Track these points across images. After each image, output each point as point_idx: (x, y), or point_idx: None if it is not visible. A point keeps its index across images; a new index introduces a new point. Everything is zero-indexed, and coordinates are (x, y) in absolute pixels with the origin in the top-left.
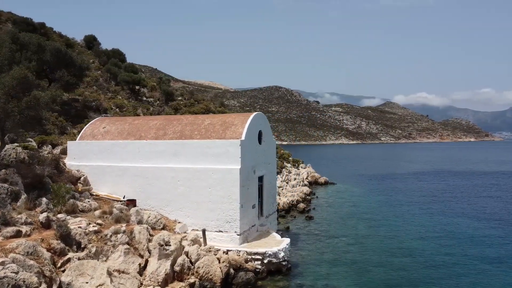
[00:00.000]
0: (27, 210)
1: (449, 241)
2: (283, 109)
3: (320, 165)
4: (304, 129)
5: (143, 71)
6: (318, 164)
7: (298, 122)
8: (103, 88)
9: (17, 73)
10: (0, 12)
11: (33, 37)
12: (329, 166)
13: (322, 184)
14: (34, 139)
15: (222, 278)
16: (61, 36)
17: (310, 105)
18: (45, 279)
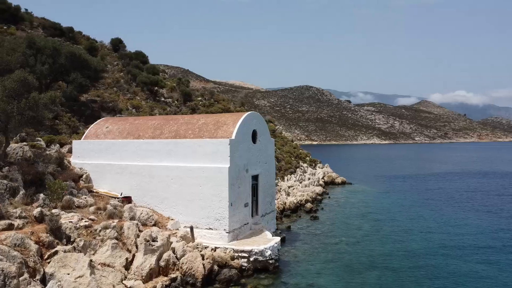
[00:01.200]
0: (24, 205)
1: (454, 246)
2: (313, 109)
3: (345, 165)
4: (335, 129)
5: (166, 72)
6: (344, 164)
7: (329, 121)
8: (123, 89)
9: (18, 76)
10: (33, 18)
11: (49, 42)
12: (354, 166)
13: (338, 184)
14: (42, 138)
15: (204, 274)
16: (89, 39)
17: (341, 104)
18: (28, 270)
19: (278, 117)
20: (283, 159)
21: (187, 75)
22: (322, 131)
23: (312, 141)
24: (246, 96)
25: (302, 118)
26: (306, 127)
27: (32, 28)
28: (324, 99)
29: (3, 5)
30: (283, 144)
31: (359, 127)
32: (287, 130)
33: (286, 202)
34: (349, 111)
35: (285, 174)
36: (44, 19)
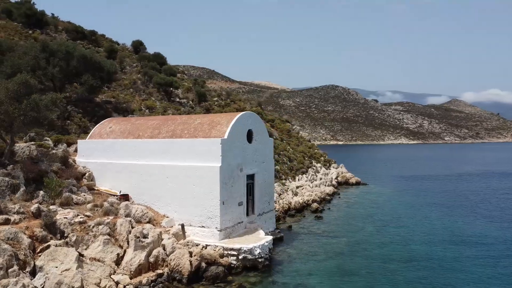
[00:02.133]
0: (24, 201)
1: (454, 253)
2: (339, 108)
3: (366, 165)
4: (361, 129)
5: (185, 73)
6: (365, 164)
7: (355, 121)
8: (139, 90)
9: (19, 78)
10: (59, 22)
11: (62, 45)
12: (376, 166)
13: (352, 185)
14: (51, 138)
15: (190, 270)
16: (112, 42)
17: (368, 103)
18: (18, 262)
19: (303, 117)
20: (296, 159)
21: (213, 75)
22: (348, 131)
23: (338, 141)
24: (271, 96)
25: (328, 118)
26: (331, 127)
27: (57, 32)
28: (350, 98)
29: (30, 11)
30: (298, 144)
31: (386, 127)
32: (312, 130)
33: (291, 202)
34: (376, 111)
35: (297, 174)
36: (70, 23)
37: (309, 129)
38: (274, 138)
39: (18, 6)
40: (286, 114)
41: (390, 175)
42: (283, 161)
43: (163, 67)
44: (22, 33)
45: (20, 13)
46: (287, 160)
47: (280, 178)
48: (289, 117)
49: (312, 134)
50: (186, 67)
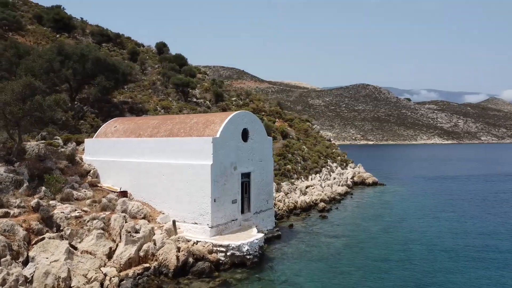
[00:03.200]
0: (26, 196)
1: (457, 256)
2: (370, 108)
3: (391, 165)
4: (392, 128)
5: (207, 74)
6: (390, 164)
7: (386, 120)
8: (158, 91)
9: (24, 80)
10: (87, 26)
11: (77, 48)
12: (401, 166)
13: (369, 185)
14: (61, 137)
15: (176, 265)
16: (137, 44)
17: (400, 102)
18: (11, 252)
19: (333, 117)
20: (310, 158)
21: (242, 75)
22: (378, 131)
23: (368, 141)
24: (300, 95)
25: (358, 117)
26: (361, 126)
27: (84, 35)
28: (382, 97)
29: (57, 16)
30: (315, 143)
31: (419, 126)
32: (342, 130)
33: (297, 201)
34: (408, 110)
35: (310, 173)
36: (98, 26)
37: (338, 129)
38: (290, 137)
39: (48, 12)
40: (315, 114)
41: (413, 176)
42: (296, 161)
43: (183, 68)
44: (50, 37)
45: (49, 18)
46: (301, 160)
47: (291, 177)
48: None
49: (341, 134)
50: (216, 67)
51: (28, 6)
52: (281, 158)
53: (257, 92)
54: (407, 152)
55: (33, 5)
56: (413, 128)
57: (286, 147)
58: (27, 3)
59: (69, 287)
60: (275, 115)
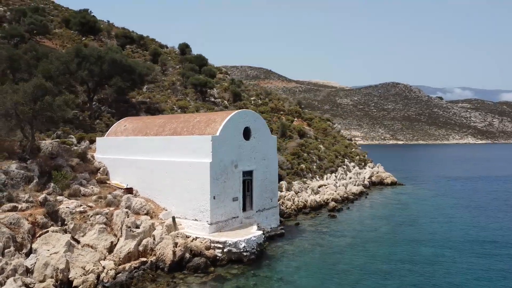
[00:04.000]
0: (35, 191)
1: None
2: (400, 107)
3: (416, 165)
4: (423, 128)
5: (228, 74)
6: (415, 164)
7: (417, 120)
8: (177, 91)
9: (35, 82)
10: (113, 28)
11: (94, 50)
12: (426, 166)
13: (387, 185)
14: (75, 136)
15: (172, 260)
16: (161, 46)
17: (432, 101)
18: (15, 244)
19: (361, 116)
20: (326, 158)
21: (269, 75)
22: (409, 130)
23: (398, 140)
24: (328, 95)
25: (387, 116)
26: (391, 126)
27: (109, 37)
28: (412, 96)
29: (83, 19)
30: (333, 143)
31: (451, 126)
32: (370, 129)
33: (307, 200)
34: (440, 109)
35: (325, 173)
36: (124, 28)
37: (367, 129)
38: (307, 136)
39: (75, 15)
40: (343, 113)
41: (438, 176)
42: (312, 160)
43: (203, 68)
44: (75, 40)
45: (76, 22)
46: (317, 159)
47: (304, 176)
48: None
49: (370, 134)
50: (243, 67)
51: (58, 10)
52: (295, 157)
53: (284, 91)
54: (438, 152)
55: (63, 10)
56: (445, 127)
57: (302, 146)
58: (57, 7)
59: (67, 278)
60: (294, 114)
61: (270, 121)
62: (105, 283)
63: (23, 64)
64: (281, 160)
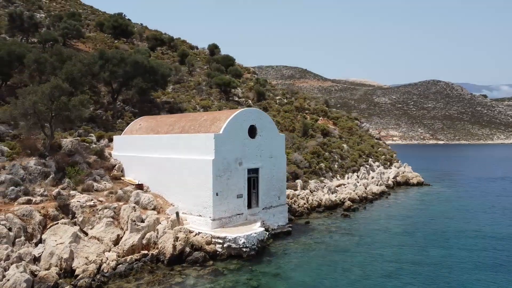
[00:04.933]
0: (51, 186)
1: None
2: (441, 105)
3: (452, 165)
4: (465, 127)
5: (256, 73)
6: (452, 165)
7: (459, 119)
8: (202, 91)
9: (52, 83)
10: (146, 31)
11: (117, 53)
12: (462, 166)
13: (413, 185)
14: (95, 134)
15: (172, 253)
16: (191, 47)
17: (475, 99)
18: (25, 234)
19: (399, 115)
20: (349, 157)
21: (305, 75)
22: (450, 130)
23: (438, 140)
24: (365, 93)
25: (427, 115)
26: (431, 125)
27: (141, 40)
28: (454, 94)
29: (116, 23)
30: (358, 142)
31: (496, 125)
32: (409, 129)
33: (322, 199)
34: (484, 107)
35: (347, 172)
36: (156, 31)
37: (405, 128)
38: (331, 135)
39: (109, 19)
40: (380, 112)
41: (471, 176)
42: (334, 159)
43: (229, 68)
44: (107, 43)
45: (109, 25)
46: (339, 158)
47: (322, 175)
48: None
49: (408, 133)
50: (279, 67)
51: (95, 14)
52: (314, 156)
53: (320, 90)
54: (480, 152)
55: (100, 14)
56: (489, 126)
57: (324, 145)
58: (95, 12)
59: (70, 267)
60: (319, 113)
61: (293, 120)
62: (104, 273)
63: (48, 66)
64: (298, 158)
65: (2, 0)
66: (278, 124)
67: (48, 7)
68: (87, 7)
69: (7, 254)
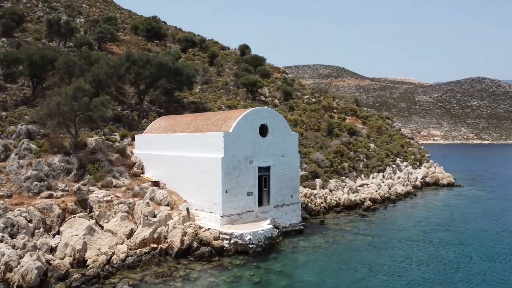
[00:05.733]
0: (73, 182)
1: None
2: (486, 103)
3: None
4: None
5: (286, 73)
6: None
7: (506, 117)
8: (229, 90)
9: (75, 84)
10: (179, 32)
11: (143, 55)
12: (504, 167)
13: (442, 186)
14: (119, 133)
15: (179, 247)
16: (223, 48)
17: None
18: (44, 226)
19: (441, 114)
20: (375, 156)
21: (342, 73)
22: (496, 129)
23: (483, 140)
24: (405, 92)
25: (471, 114)
26: (475, 124)
27: (174, 42)
28: (501, 91)
29: (149, 26)
30: (387, 141)
31: None
32: (451, 128)
33: (341, 198)
34: None
35: (372, 172)
36: (190, 32)
37: (447, 127)
38: (359, 135)
39: (143, 22)
40: (421, 111)
41: (509, 178)
42: (359, 158)
43: (258, 68)
44: (140, 45)
45: (142, 28)
46: (364, 158)
47: (344, 174)
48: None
49: (451, 133)
50: (315, 66)
51: (132, 18)
52: (337, 155)
53: (357, 89)
54: None
55: (136, 17)
56: None
57: (349, 145)
58: (131, 16)
59: (83, 257)
60: (348, 113)
61: (318, 119)
62: (114, 264)
63: (77, 69)
64: (320, 158)
65: (46, 7)
66: (303, 123)
67: (88, 12)
68: (124, 11)
69: (24, 243)
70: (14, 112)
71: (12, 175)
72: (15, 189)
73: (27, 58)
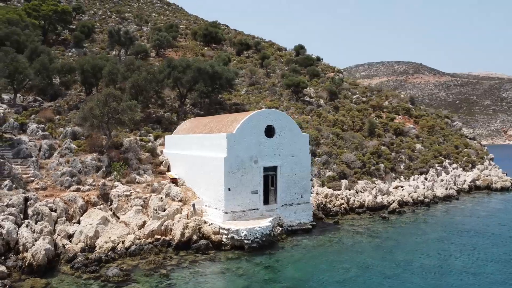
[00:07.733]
0: (101, 178)
1: None
2: None
3: None
4: None
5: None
6: None
7: None
8: (275, 92)
9: (106, 91)
10: (236, 36)
11: (183, 61)
12: None
13: (495, 190)
14: (153, 134)
15: (180, 240)
16: (279, 49)
17: None
18: (67, 215)
19: None
20: (419, 158)
21: (419, 69)
22: None
23: None
24: (491, 88)
25: None
26: None
27: (231, 45)
28: None
29: (206, 31)
30: (438, 142)
31: None
32: None
33: (365, 200)
34: None
35: (413, 174)
36: (248, 35)
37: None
38: (406, 135)
39: (201, 27)
40: (508, 109)
41: None
42: (400, 159)
43: (308, 68)
44: (196, 50)
45: (200, 33)
46: (406, 159)
47: (378, 175)
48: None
49: None
50: (390, 62)
51: (196, 24)
52: (373, 156)
53: (436, 86)
54: None
55: (201, 23)
56: None
57: (392, 145)
58: (196, 21)
59: (94, 244)
60: (400, 112)
61: (362, 119)
62: (117, 251)
63: (120, 76)
64: (351, 158)
65: (118, 18)
66: (342, 124)
67: (155, 20)
68: (191, 17)
69: (41, 229)
70: (67, 116)
71: (51, 171)
72: (51, 183)
73: (80, 67)
